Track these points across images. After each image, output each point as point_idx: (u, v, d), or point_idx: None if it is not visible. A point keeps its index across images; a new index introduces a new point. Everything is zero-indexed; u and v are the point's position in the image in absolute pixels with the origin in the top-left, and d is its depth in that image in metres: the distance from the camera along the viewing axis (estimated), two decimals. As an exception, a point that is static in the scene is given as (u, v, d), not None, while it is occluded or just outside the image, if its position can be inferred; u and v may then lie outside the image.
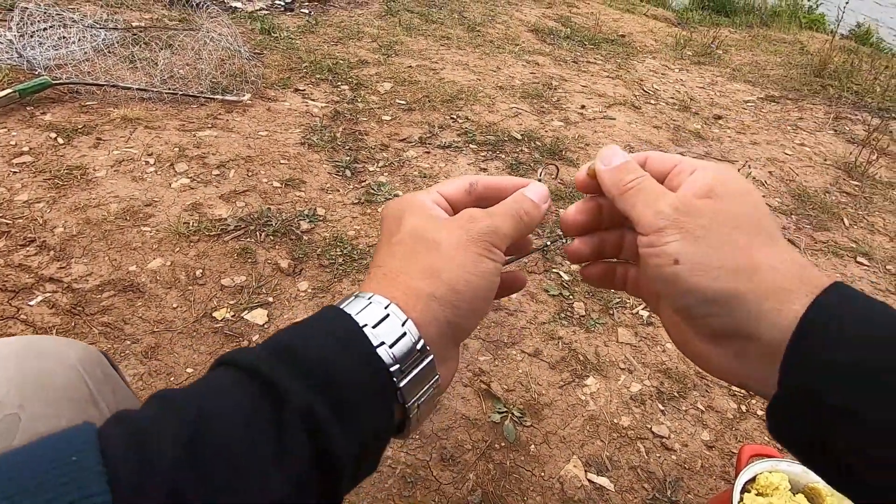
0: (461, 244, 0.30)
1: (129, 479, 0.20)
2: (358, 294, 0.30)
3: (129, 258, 1.20)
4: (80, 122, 1.60)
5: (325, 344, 0.26)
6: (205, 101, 1.83)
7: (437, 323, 0.29)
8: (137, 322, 1.08)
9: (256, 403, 0.24)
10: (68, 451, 0.20)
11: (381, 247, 0.33)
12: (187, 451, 0.21)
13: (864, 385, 0.23)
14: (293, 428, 0.23)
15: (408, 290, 0.29)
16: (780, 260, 0.27)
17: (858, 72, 3.21)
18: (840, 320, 0.25)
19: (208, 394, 0.24)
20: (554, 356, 1.16)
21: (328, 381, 0.25)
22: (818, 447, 0.26)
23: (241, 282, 1.20)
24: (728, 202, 0.28)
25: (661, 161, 0.33)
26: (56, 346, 0.40)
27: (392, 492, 0.87)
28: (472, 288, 0.30)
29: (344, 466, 0.24)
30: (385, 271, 0.31)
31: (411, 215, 0.32)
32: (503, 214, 0.32)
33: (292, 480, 0.23)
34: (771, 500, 0.80)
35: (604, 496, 0.92)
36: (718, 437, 1.06)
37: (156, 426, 0.22)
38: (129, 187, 1.40)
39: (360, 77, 2.23)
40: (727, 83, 3.01)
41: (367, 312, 0.28)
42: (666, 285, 0.29)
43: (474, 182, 0.35)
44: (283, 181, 1.53)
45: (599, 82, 2.67)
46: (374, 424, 0.26)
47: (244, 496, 0.22)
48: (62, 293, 1.10)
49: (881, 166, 2.26)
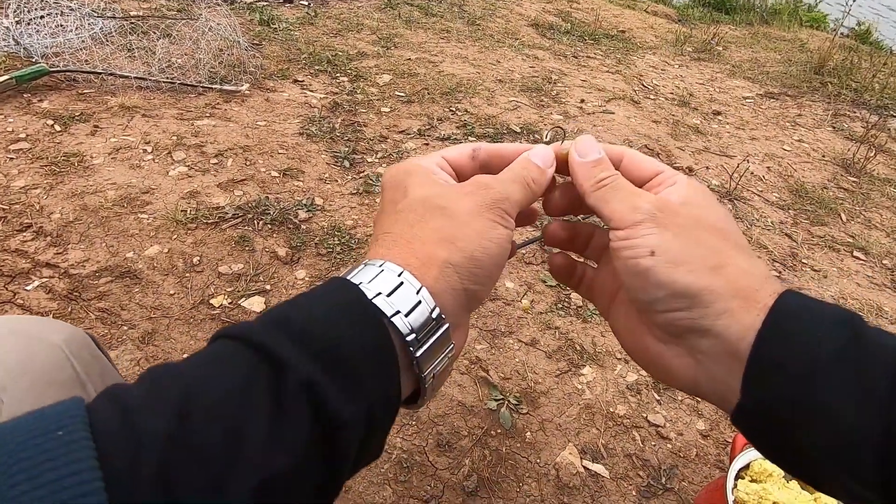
0: (475, 211, 0.30)
1: (119, 454, 0.19)
2: (367, 262, 0.28)
3: (126, 245, 1.20)
4: (78, 110, 1.59)
5: (329, 313, 0.25)
6: (203, 90, 1.82)
7: (454, 291, 0.28)
8: (134, 308, 1.08)
9: (254, 373, 0.22)
10: (54, 426, 0.19)
11: (384, 214, 0.32)
12: (179, 424, 0.20)
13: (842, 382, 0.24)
14: (294, 399, 0.22)
15: (422, 256, 0.28)
16: (749, 264, 0.28)
17: (858, 69, 3.21)
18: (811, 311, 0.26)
19: (204, 365, 0.23)
20: (551, 345, 1.16)
21: (331, 351, 0.23)
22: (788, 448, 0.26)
23: (239, 269, 1.20)
24: (705, 212, 0.30)
25: (641, 165, 0.33)
26: (39, 326, 0.39)
27: (388, 476, 0.87)
28: (488, 255, 0.29)
29: (349, 442, 0.23)
30: (394, 237, 0.29)
31: (417, 182, 0.31)
32: (511, 181, 0.32)
33: (292, 455, 0.22)
34: (765, 487, 0.81)
35: (599, 483, 0.93)
36: (713, 426, 1.07)
37: (148, 400, 0.21)
38: (126, 175, 1.39)
39: (360, 69, 2.23)
40: (727, 79, 3.01)
41: (381, 280, 0.27)
42: (635, 278, 0.29)
43: (477, 148, 0.34)
44: (282, 171, 1.53)
45: (599, 77, 2.67)
46: (381, 397, 0.25)
47: (240, 470, 0.20)
48: (59, 278, 1.10)
49: (879, 163, 2.26)
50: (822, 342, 0.24)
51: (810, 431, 0.24)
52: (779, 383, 0.25)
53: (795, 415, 0.24)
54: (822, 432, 0.24)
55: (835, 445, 0.23)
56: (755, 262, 0.28)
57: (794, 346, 0.25)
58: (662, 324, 0.29)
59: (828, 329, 0.25)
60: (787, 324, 0.25)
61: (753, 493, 0.80)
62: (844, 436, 0.23)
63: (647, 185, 0.32)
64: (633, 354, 0.33)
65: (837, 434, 0.23)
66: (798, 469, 0.27)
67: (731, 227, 0.30)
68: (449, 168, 0.33)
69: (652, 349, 0.30)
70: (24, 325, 0.38)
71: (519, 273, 1.34)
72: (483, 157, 0.34)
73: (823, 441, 0.24)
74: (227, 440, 0.21)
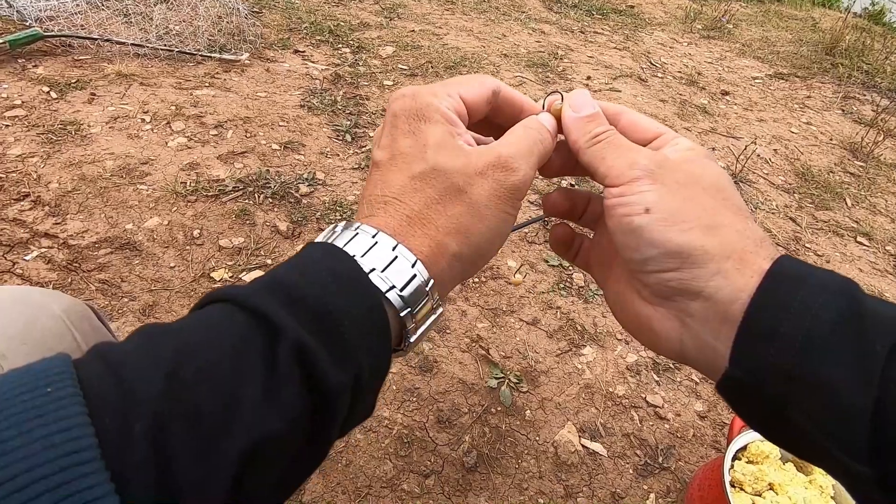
0: (493, 201, 0.28)
1: (110, 411, 0.18)
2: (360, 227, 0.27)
3: (125, 216, 1.19)
4: (74, 77, 1.55)
5: (323, 282, 0.24)
6: (202, 59, 1.78)
7: (453, 281, 0.29)
8: (135, 280, 1.07)
9: (246, 335, 0.22)
10: (42, 382, 0.18)
11: (394, 162, 0.29)
12: (171, 382, 0.20)
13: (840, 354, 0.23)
14: (286, 363, 0.22)
15: (434, 245, 0.27)
16: (745, 226, 0.27)
17: (870, 51, 3.15)
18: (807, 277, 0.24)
19: (196, 326, 0.22)
20: (552, 325, 1.16)
21: (323, 318, 0.23)
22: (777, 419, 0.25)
23: (240, 243, 1.19)
24: (704, 171, 0.29)
25: (641, 125, 0.32)
26: (40, 296, 0.39)
27: (389, 451, 0.88)
28: (493, 249, 0.30)
29: (338, 406, 0.23)
30: (408, 211, 0.28)
31: (437, 140, 0.29)
32: (529, 156, 0.30)
33: (285, 418, 0.21)
34: (761, 468, 0.82)
35: (597, 461, 0.94)
36: (711, 407, 1.07)
37: (137, 357, 0.20)
38: (124, 145, 1.37)
39: (362, 40, 2.17)
40: (736, 59, 2.96)
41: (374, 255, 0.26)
42: (628, 236, 0.28)
43: (497, 91, 0.32)
44: (282, 144, 1.50)
45: (606, 53, 2.61)
46: (371, 365, 0.25)
47: (233, 430, 0.20)
48: (58, 249, 1.09)
49: (887, 148, 2.24)
50: (820, 311, 0.23)
51: (803, 404, 0.23)
52: (771, 353, 0.24)
53: (789, 387, 0.23)
54: (816, 405, 0.23)
55: (828, 419, 0.23)
56: (751, 225, 0.27)
57: (790, 315, 0.23)
58: (653, 284, 0.28)
59: (826, 297, 0.23)
60: (783, 290, 0.24)
61: (750, 473, 0.81)
62: (839, 410, 0.22)
63: (650, 145, 0.31)
64: (622, 320, 0.32)
65: (832, 408, 0.22)
66: (784, 441, 0.26)
67: (730, 188, 0.29)
68: (464, 110, 0.31)
69: (641, 313, 0.29)
70: (25, 294, 0.38)
71: (521, 252, 1.33)
72: (498, 102, 0.33)
73: (816, 414, 0.23)
74: (219, 400, 0.20)
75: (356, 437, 0.89)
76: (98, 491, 0.17)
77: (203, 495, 0.19)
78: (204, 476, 0.19)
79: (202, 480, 0.19)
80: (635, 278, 0.29)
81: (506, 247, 1.33)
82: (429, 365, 1.03)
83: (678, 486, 0.92)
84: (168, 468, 0.18)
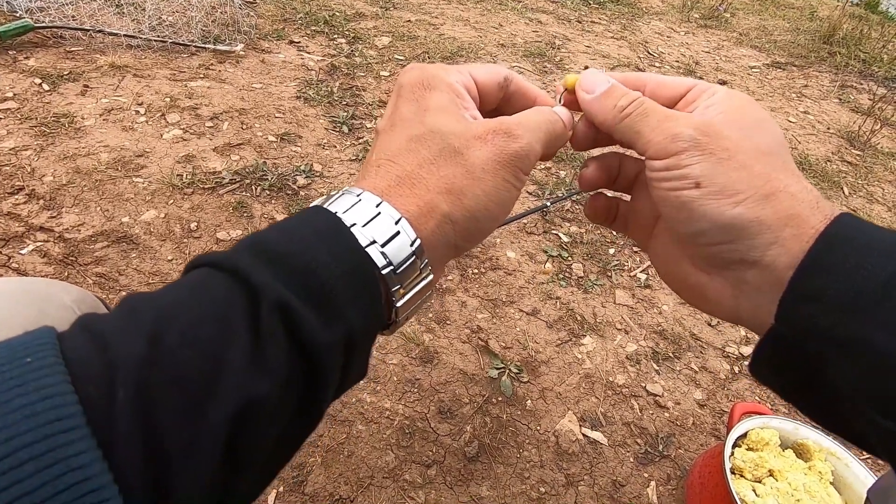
0: (491, 165, 0.27)
1: (93, 379, 0.18)
2: (346, 189, 0.26)
3: (121, 209, 1.18)
4: (66, 69, 1.53)
5: (304, 239, 0.23)
6: (196, 50, 1.76)
7: (446, 246, 0.27)
8: (132, 273, 1.06)
9: (229, 297, 0.21)
10: (21, 353, 0.18)
11: (394, 131, 0.28)
12: (153, 347, 0.19)
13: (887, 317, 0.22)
14: (269, 323, 0.21)
15: (423, 204, 0.26)
16: (798, 188, 0.26)
17: (867, 40, 3.14)
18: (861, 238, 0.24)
19: (177, 291, 0.22)
20: (552, 315, 1.16)
21: (306, 275, 0.22)
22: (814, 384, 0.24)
23: (238, 236, 1.18)
24: (750, 128, 0.27)
25: (670, 85, 0.30)
26: (50, 287, 0.38)
27: (390, 442, 0.88)
28: (490, 217, 0.28)
29: (328, 366, 0.22)
30: (398, 171, 0.27)
31: (440, 106, 0.28)
32: (536, 130, 0.29)
33: (273, 379, 0.21)
34: (761, 455, 0.82)
35: (597, 450, 0.94)
36: (710, 396, 1.08)
37: (120, 325, 0.20)
38: (119, 137, 1.35)
39: (358, 30, 2.15)
40: (733, 48, 2.94)
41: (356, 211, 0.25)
42: (679, 211, 0.26)
43: (509, 78, 0.31)
44: (279, 135, 1.49)
45: (603, 43, 2.60)
46: (360, 322, 0.24)
47: (219, 393, 0.19)
48: (54, 243, 1.08)
49: (884, 136, 2.24)
50: (870, 273, 0.22)
51: (844, 366, 0.23)
52: (814, 314, 0.23)
53: (830, 348, 0.23)
54: (857, 367, 0.22)
55: (869, 379, 0.22)
56: (805, 185, 0.26)
57: (837, 276, 0.23)
58: (707, 256, 0.27)
59: (877, 259, 0.23)
60: (833, 252, 0.23)
61: (750, 460, 0.81)
62: (882, 370, 0.22)
63: (681, 102, 0.29)
64: (670, 283, 0.31)
65: (874, 368, 0.22)
66: (817, 408, 0.25)
67: (778, 140, 0.27)
68: (475, 89, 0.30)
69: (692, 279, 0.29)
70: (35, 285, 0.38)
71: (521, 243, 1.33)
72: (510, 90, 0.32)
73: (857, 375, 0.22)
74: (203, 363, 0.19)
75: (358, 429, 0.89)
76: (85, 458, 0.16)
77: (192, 461, 0.18)
78: (191, 441, 0.18)
79: (189, 446, 0.18)
80: (686, 246, 0.28)
81: (504, 237, 1.33)
82: (429, 356, 1.03)
83: (678, 474, 0.93)
84: (154, 434, 0.18)
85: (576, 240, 1.38)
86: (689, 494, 0.86)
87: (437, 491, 0.84)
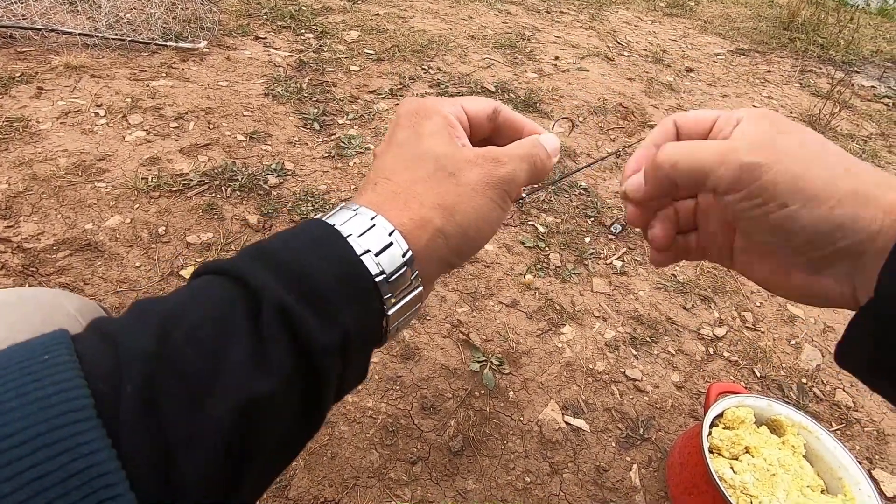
0: (481, 186, 0.29)
1: (103, 373, 0.19)
2: (343, 205, 0.28)
3: (84, 216, 1.13)
4: (18, 70, 1.46)
5: (301, 246, 0.25)
6: (157, 48, 1.70)
7: (439, 261, 0.29)
8: (98, 282, 1.02)
9: (231, 299, 0.23)
10: (39, 352, 0.19)
11: (391, 152, 0.30)
12: (160, 344, 0.20)
13: None
14: (270, 324, 0.22)
15: (417, 218, 0.28)
16: (873, 173, 0.26)
17: (824, 25, 3.24)
18: None
19: (182, 294, 0.23)
20: (531, 306, 1.17)
21: (303, 279, 0.24)
22: None
23: (209, 239, 1.15)
24: (797, 136, 0.27)
25: (696, 120, 0.31)
26: (53, 296, 0.39)
27: (374, 441, 0.88)
28: (480, 235, 0.30)
29: (328, 367, 0.23)
30: (394, 188, 0.29)
31: (434, 132, 0.30)
32: (521, 159, 0.31)
33: (274, 377, 0.22)
34: (737, 433, 0.85)
35: (580, 436, 0.95)
36: (687, 378, 1.10)
37: (129, 326, 0.21)
38: (78, 140, 1.30)
39: (325, 24, 2.11)
40: (698, 35, 3.00)
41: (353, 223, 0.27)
42: (774, 233, 0.27)
43: (498, 110, 0.34)
44: (248, 134, 1.45)
45: (573, 33, 2.61)
46: (356, 325, 0.25)
47: (221, 388, 0.20)
48: (12, 253, 1.03)
49: (843, 119, 2.31)
50: None
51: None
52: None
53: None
54: None
55: None
56: (875, 170, 0.27)
57: None
58: (817, 258, 0.27)
59: None
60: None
61: (727, 438, 0.84)
62: None
63: (711, 135, 0.31)
64: (785, 294, 0.31)
65: None
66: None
67: (825, 141, 0.28)
68: (466, 121, 0.33)
69: (801, 283, 0.29)
70: (39, 294, 0.39)
71: (498, 235, 1.33)
72: (499, 121, 0.34)
73: None
74: (207, 359, 0.21)
75: (340, 430, 0.88)
76: (94, 445, 0.17)
77: (194, 453, 0.19)
78: (192, 434, 0.20)
79: (191, 438, 0.19)
80: (792, 259, 0.29)
81: (482, 230, 1.33)
82: (410, 352, 1.02)
83: (659, 456, 0.95)
84: (158, 426, 0.19)
85: (552, 230, 1.38)
86: (671, 475, 0.88)
87: (423, 487, 0.84)
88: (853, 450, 1.02)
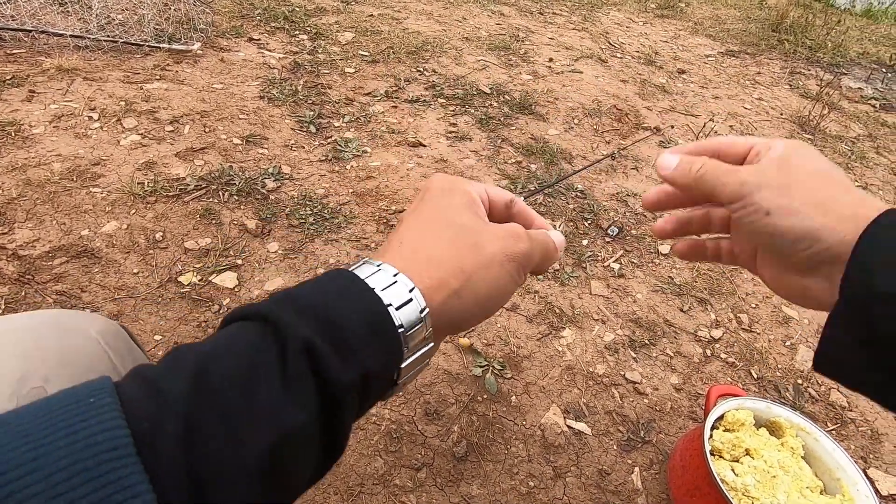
0: (500, 258, 0.31)
1: (144, 414, 0.21)
2: (366, 260, 0.30)
3: (79, 222, 1.12)
4: (8, 73, 1.44)
5: (328, 292, 0.27)
6: (150, 50, 1.68)
7: (449, 322, 0.30)
8: (96, 289, 1.01)
9: (261, 340, 0.24)
10: (85, 395, 0.21)
11: (420, 217, 0.33)
12: (197, 385, 0.22)
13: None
14: (296, 362, 0.24)
15: (437, 279, 0.30)
16: (846, 193, 0.32)
17: (812, 27, 3.28)
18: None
19: (215, 338, 0.25)
20: (531, 310, 1.18)
21: (328, 321, 0.25)
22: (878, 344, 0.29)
23: (207, 244, 1.14)
24: (802, 161, 0.34)
25: (733, 145, 0.38)
26: (77, 319, 0.40)
27: (378, 447, 0.88)
28: (492, 302, 0.31)
29: (347, 401, 0.25)
30: (417, 248, 0.31)
31: (463, 206, 0.33)
32: (537, 244, 0.34)
33: (303, 412, 0.24)
34: (737, 435, 0.86)
35: (582, 440, 0.96)
36: (686, 380, 1.12)
37: (167, 371, 0.23)
38: (72, 145, 1.28)
39: (319, 26, 2.10)
40: (689, 37, 3.03)
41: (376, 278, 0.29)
42: (761, 236, 0.34)
43: (515, 201, 0.38)
44: (244, 138, 1.44)
45: (566, 35, 2.62)
46: (374, 366, 0.27)
47: (257, 424, 0.22)
48: (7, 261, 1.02)
49: (832, 121, 2.35)
50: None
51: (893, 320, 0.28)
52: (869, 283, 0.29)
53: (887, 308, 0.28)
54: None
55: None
56: (854, 191, 0.32)
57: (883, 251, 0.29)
58: (801, 261, 0.33)
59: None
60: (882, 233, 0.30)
61: (728, 441, 0.85)
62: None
63: (747, 159, 0.36)
64: (786, 296, 0.37)
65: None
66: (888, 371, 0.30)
67: (832, 169, 0.34)
68: (487, 202, 0.36)
69: (797, 284, 0.35)
70: (61, 318, 0.40)
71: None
72: (514, 210, 0.38)
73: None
74: (242, 397, 0.23)
75: (344, 436, 0.88)
76: (133, 479, 0.19)
77: (230, 485, 0.21)
78: (230, 468, 0.21)
79: (229, 472, 0.21)
80: (785, 260, 0.35)
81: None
82: (412, 358, 1.02)
83: (660, 458, 0.96)
84: (197, 463, 0.21)
85: (550, 233, 1.39)
86: (672, 477, 0.89)
87: (427, 493, 0.84)
88: (848, 449, 1.04)
